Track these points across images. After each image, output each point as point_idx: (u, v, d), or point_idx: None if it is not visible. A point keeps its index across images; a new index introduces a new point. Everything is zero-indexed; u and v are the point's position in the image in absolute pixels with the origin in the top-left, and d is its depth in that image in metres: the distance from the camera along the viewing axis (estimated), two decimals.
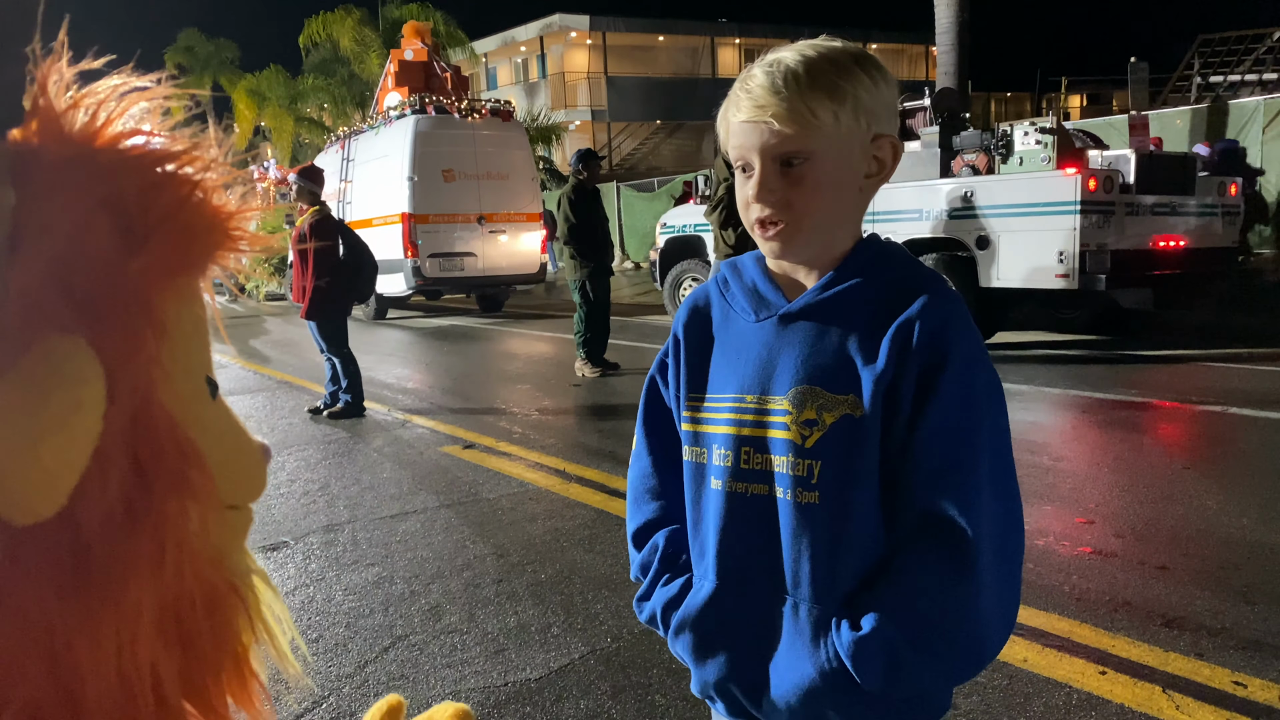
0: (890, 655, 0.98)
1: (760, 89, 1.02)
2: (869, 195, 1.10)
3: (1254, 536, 3.67)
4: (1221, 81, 17.59)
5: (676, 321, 1.21)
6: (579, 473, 5.01)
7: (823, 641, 1.02)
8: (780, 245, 1.07)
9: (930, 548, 1.00)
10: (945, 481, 1.00)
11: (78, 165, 0.53)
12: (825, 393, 1.03)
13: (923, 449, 1.00)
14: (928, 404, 1.00)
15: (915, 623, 0.98)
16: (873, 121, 1.04)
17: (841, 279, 1.07)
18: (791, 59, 1.02)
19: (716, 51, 37.83)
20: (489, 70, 39.83)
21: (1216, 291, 9.46)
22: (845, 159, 1.04)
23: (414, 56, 16.61)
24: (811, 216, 1.05)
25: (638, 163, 35.09)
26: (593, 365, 8.34)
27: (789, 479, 1.04)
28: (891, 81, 1.07)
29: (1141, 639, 2.83)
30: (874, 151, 1.06)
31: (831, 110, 1.01)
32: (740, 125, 1.05)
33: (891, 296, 1.04)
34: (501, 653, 2.90)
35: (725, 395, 1.11)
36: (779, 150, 1.03)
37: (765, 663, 1.08)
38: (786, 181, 1.03)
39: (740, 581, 1.10)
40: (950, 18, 12.82)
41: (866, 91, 1.03)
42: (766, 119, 1.01)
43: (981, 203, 8.45)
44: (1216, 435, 5.53)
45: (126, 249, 0.53)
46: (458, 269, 14.70)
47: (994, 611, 1.01)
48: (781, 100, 1.00)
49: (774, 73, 1.02)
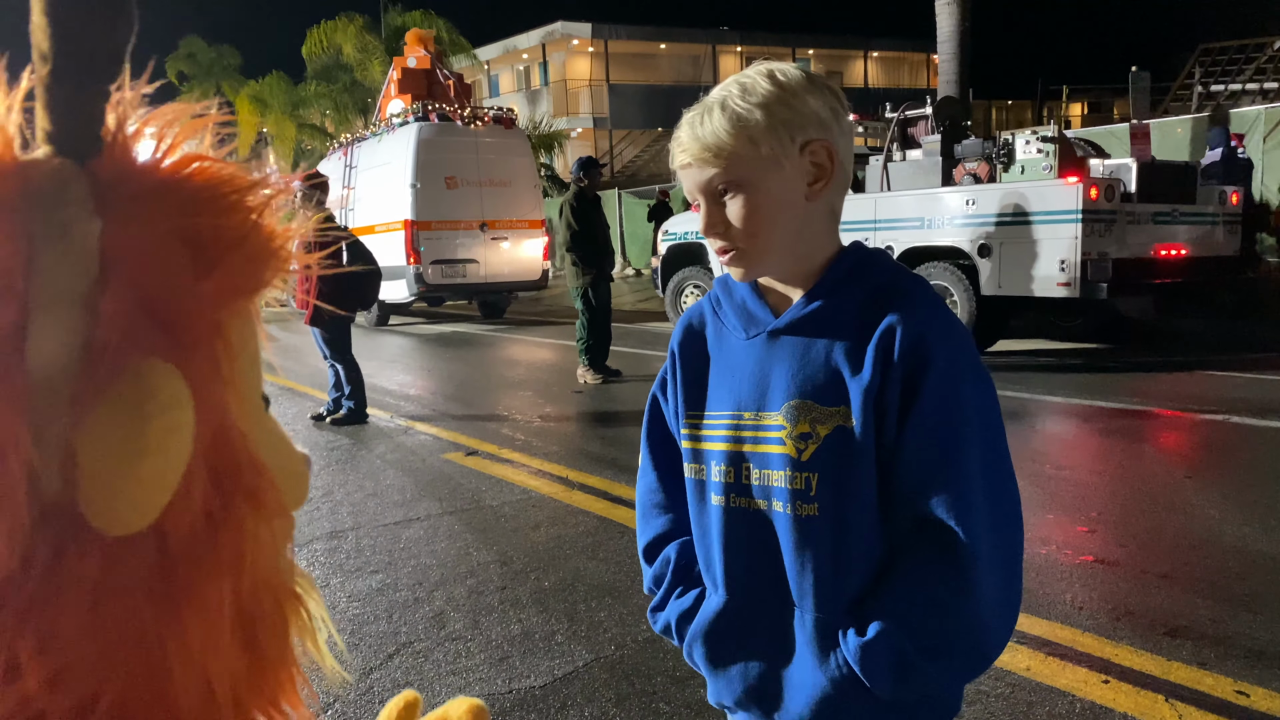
0: (897, 658, 1.00)
1: (684, 135, 1.08)
2: (827, 202, 1.09)
3: (1256, 545, 3.67)
4: (1222, 90, 17.61)
5: (673, 340, 1.23)
6: (581, 480, 5.02)
7: (831, 650, 1.04)
8: (741, 269, 1.10)
9: (926, 551, 1.02)
10: (935, 485, 1.01)
11: (155, 195, 0.55)
12: (817, 406, 1.05)
13: (911, 454, 1.02)
14: (913, 409, 1.02)
15: (918, 625, 1.00)
16: (795, 133, 1.05)
17: (824, 291, 1.08)
18: (714, 97, 1.07)
19: (718, 59, 37.91)
20: (491, 77, 39.94)
21: (1218, 300, 9.48)
22: (776, 178, 1.05)
23: (417, 64, 16.66)
24: (757, 238, 1.07)
25: (639, 170, 35.14)
26: (594, 372, 8.35)
27: (787, 493, 1.06)
28: (815, 88, 1.07)
29: (1144, 648, 2.83)
30: (808, 159, 1.06)
31: (744, 138, 1.03)
32: (680, 172, 1.10)
33: (874, 305, 1.06)
34: (506, 660, 2.91)
35: (722, 412, 1.13)
36: (710, 186, 1.07)
37: (778, 673, 1.10)
38: (726, 212, 1.07)
39: (747, 594, 1.11)
40: (952, 26, 12.85)
41: (782, 106, 1.04)
42: (689, 161, 1.07)
43: (983, 211, 8.47)
44: (1218, 444, 5.54)
45: (199, 274, 0.55)
46: (460, 275, 14.72)
47: (995, 610, 1.03)
48: (698, 142, 1.06)
49: (694, 117, 1.07)
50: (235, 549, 0.58)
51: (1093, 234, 7.81)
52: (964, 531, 1.00)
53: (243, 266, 0.58)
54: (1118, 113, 27.47)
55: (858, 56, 40.26)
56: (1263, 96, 16.30)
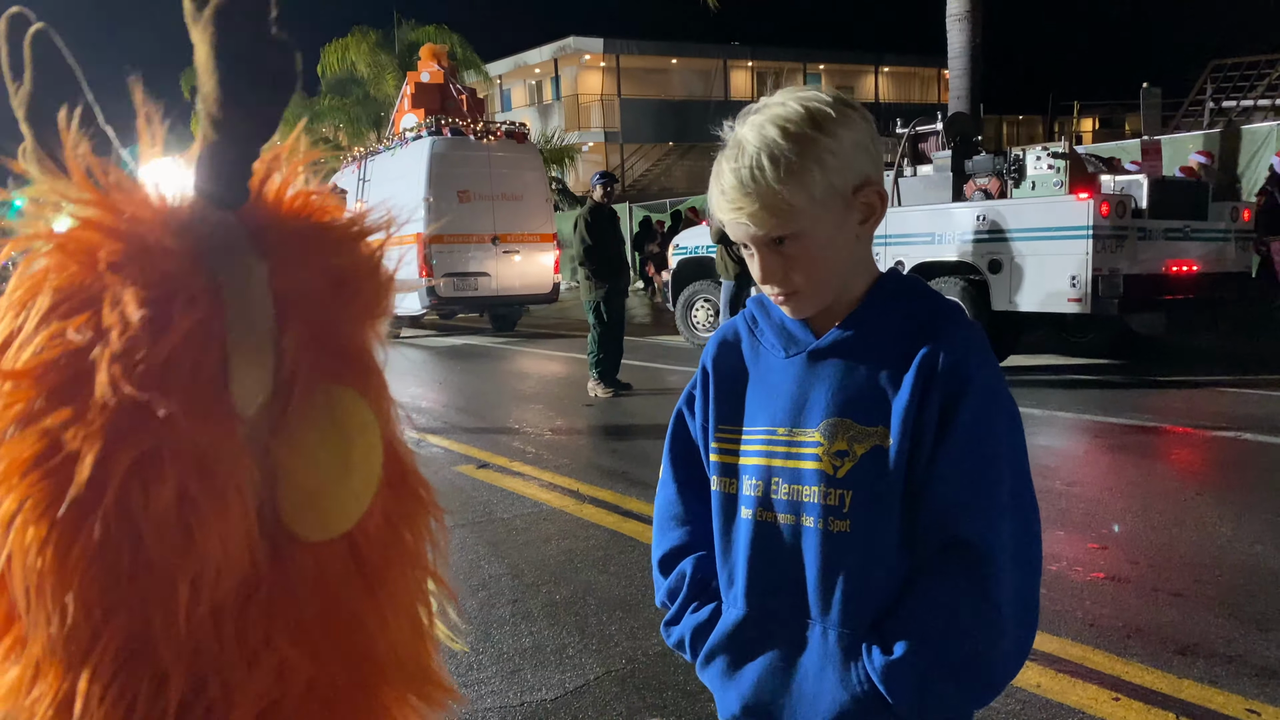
0: (920, 677, 1.02)
1: (732, 190, 1.06)
2: (869, 237, 1.13)
3: (1268, 563, 3.66)
4: (1234, 106, 17.60)
5: (705, 355, 1.25)
6: (592, 493, 5.04)
7: (854, 666, 1.06)
8: (796, 309, 1.13)
9: (953, 574, 1.04)
10: (966, 510, 1.04)
11: (304, 238, 0.63)
12: (856, 425, 1.07)
13: (946, 476, 1.04)
14: (950, 432, 1.04)
15: (943, 644, 1.02)
16: (849, 175, 1.06)
17: (866, 315, 1.11)
18: (753, 145, 1.05)
19: (729, 74, 38.05)
20: (503, 92, 40.16)
21: (1229, 316, 9.44)
22: (832, 223, 1.07)
23: (430, 79, 16.79)
24: (814, 283, 1.10)
25: (650, 184, 35.25)
26: (605, 385, 8.38)
27: (819, 508, 1.08)
28: (851, 122, 1.06)
29: (1155, 665, 2.83)
30: (861, 199, 1.08)
31: (803, 192, 1.04)
32: (726, 220, 1.10)
33: (913, 328, 1.08)
34: (517, 673, 2.93)
35: (756, 429, 1.15)
36: (767, 237, 1.08)
37: (794, 688, 1.11)
38: (783, 259, 1.08)
39: (769, 609, 1.13)
40: (963, 42, 12.89)
41: (832, 154, 1.04)
42: (744, 220, 1.07)
43: (994, 227, 8.48)
44: (1230, 461, 5.53)
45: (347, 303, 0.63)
46: (472, 288, 14.79)
47: (1012, 638, 1.05)
48: (752, 199, 1.05)
49: (740, 169, 1.05)
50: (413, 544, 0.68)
51: (1104, 250, 7.81)
52: (990, 558, 1.02)
53: (376, 293, 0.66)
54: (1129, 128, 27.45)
55: (869, 72, 40.36)
56: (1274, 112, 16.28)
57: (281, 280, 0.59)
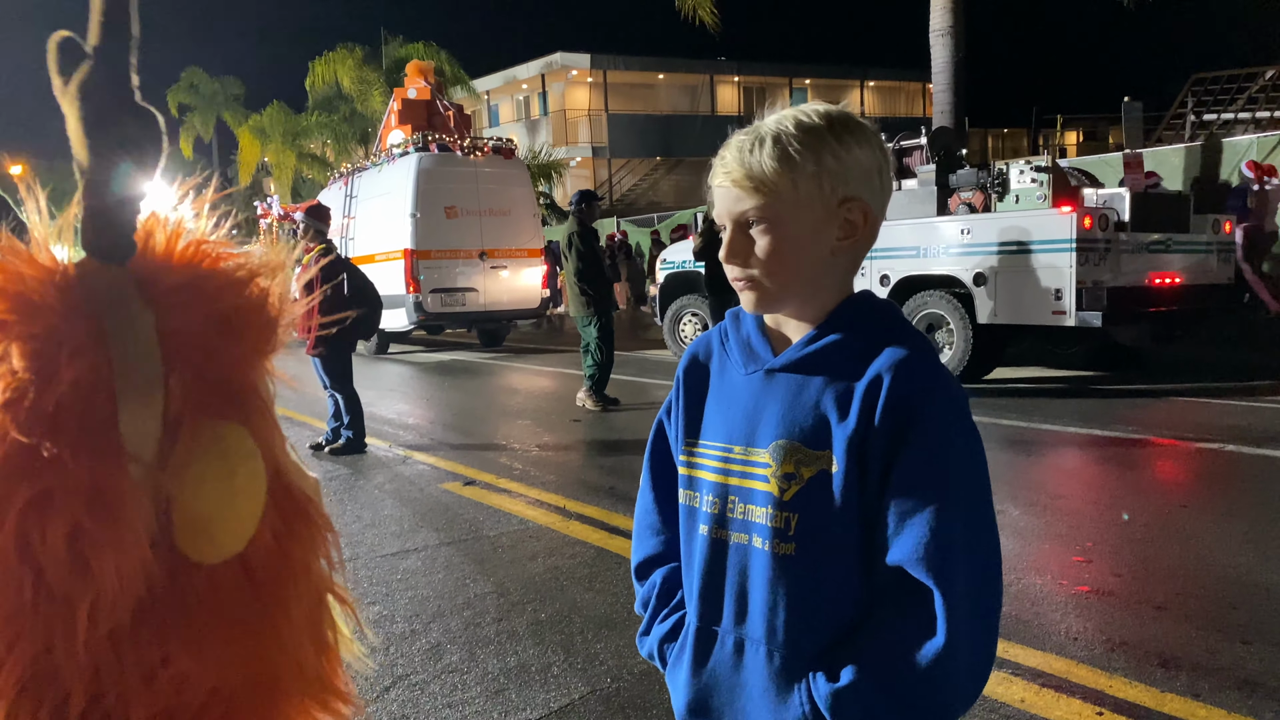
0: (866, 708, 1.01)
1: (730, 156, 1.09)
2: (850, 257, 1.12)
3: (1251, 576, 3.68)
4: (1215, 120, 17.76)
5: (679, 368, 1.26)
6: (579, 510, 5.03)
7: (797, 689, 1.05)
8: (752, 300, 1.12)
9: (905, 605, 1.02)
10: (917, 541, 1.00)
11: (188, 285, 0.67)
12: (803, 448, 1.06)
13: (895, 508, 1.02)
14: (898, 463, 1.02)
15: (891, 677, 1.01)
16: (839, 185, 1.06)
17: (822, 335, 1.10)
18: (768, 126, 1.08)
19: (716, 89, 38.24)
20: (491, 107, 40.27)
21: (1213, 328, 9.52)
22: (808, 224, 1.07)
23: (417, 95, 16.82)
24: (773, 277, 1.08)
25: (637, 198, 35.35)
26: (595, 399, 8.38)
27: (768, 530, 1.08)
28: (869, 143, 1.08)
29: (1138, 679, 2.84)
30: (844, 214, 1.08)
31: (788, 177, 1.05)
32: (716, 190, 1.11)
33: (868, 354, 1.06)
34: (502, 693, 2.91)
35: (715, 444, 1.16)
36: (741, 215, 1.08)
37: (738, 707, 1.11)
38: (749, 243, 1.09)
39: (717, 626, 1.14)
40: (946, 57, 12.99)
41: (833, 156, 1.05)
42: (728, 185, 1.08)
43: (978, 240, 8.54)
44: (1214, 473, 5.56)
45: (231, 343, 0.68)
46: (459, 304, 14.79)
47: (966, 671, 1.02)
48: (742, 168, 1.07)
49: (744, 141, 1.08)
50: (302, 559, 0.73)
51: (1087, 263, 7.88)
52: (944, 591, 0.99)
53: (262, 332, 0.70)
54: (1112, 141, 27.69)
55: (854, 86, 40.59)
56: (1255, 125, 16.44)
57: (167, 325, 0.65)
